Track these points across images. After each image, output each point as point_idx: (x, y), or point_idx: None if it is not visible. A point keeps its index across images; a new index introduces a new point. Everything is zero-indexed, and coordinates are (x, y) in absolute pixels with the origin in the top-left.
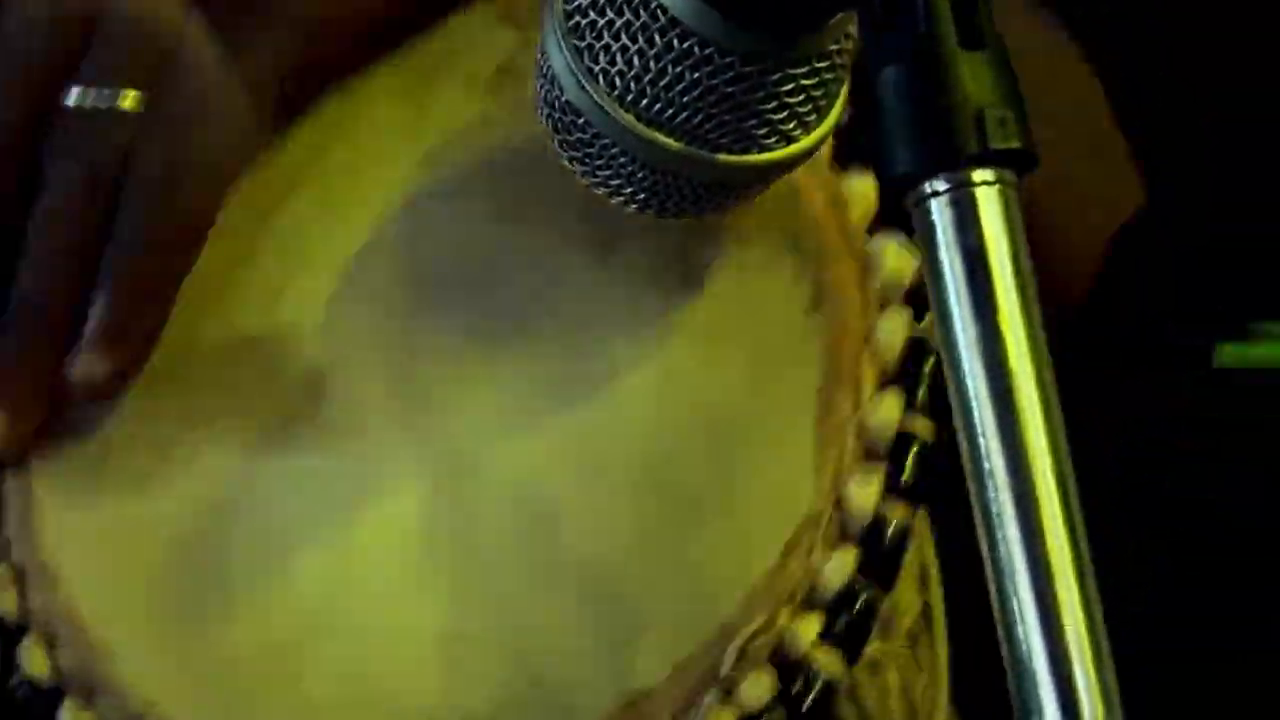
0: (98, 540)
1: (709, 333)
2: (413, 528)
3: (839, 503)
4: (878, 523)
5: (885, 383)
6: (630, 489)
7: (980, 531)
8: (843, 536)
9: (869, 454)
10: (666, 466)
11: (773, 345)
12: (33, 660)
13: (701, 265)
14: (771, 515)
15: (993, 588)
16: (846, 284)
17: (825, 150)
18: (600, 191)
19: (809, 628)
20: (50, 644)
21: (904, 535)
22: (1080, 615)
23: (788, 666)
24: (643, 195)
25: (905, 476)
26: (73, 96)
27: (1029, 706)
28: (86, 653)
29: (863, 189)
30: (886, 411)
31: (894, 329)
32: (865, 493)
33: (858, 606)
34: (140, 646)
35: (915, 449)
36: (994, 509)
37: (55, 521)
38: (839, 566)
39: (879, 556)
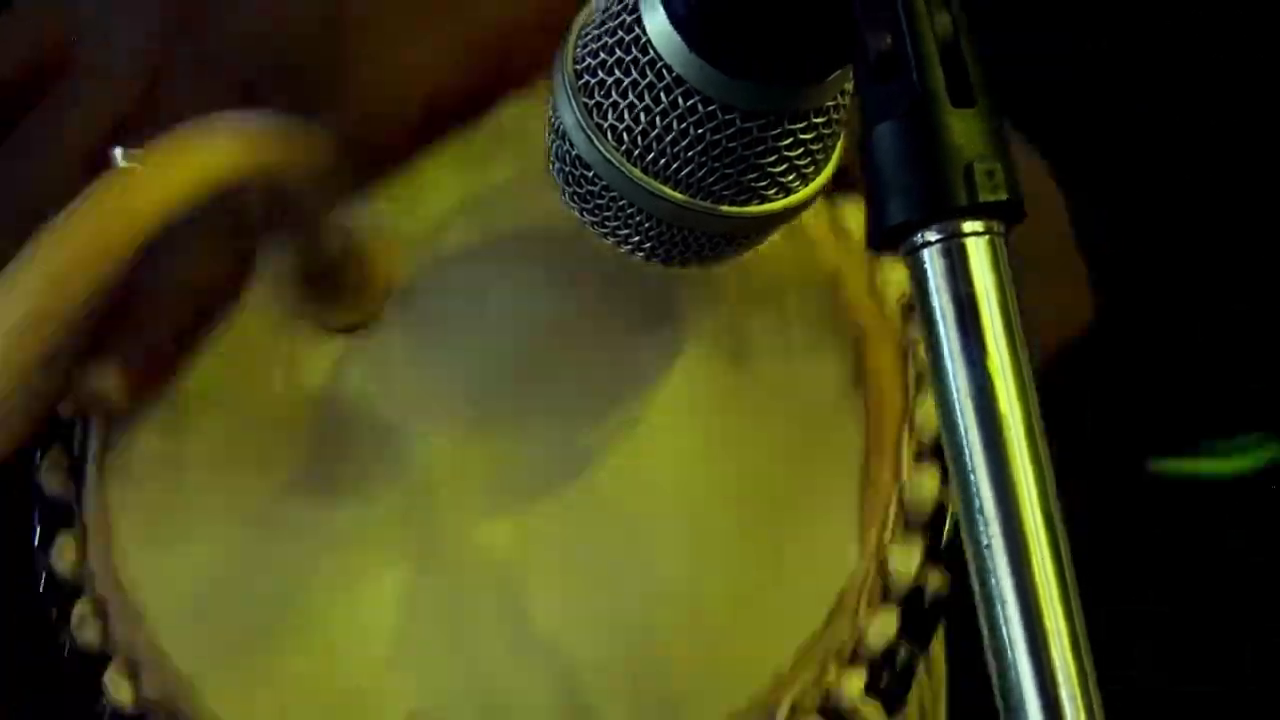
0: (176, 579)
1: (757, 406)
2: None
3: (882, 567)
4: (918, 587)
5: (923, 456)
6: (686, 551)
7: (970, 565)
8: (885, 598)
9: (909, 523)
10: (719, 530)
11: (817, 419)
12: (117, 689)
13: (750, 343)
14: (819, 577)
15: (982, 617)
16: (886, 364)
17: (862, 240)
18: (609, 241)
19: (854, 683)
20: (133, 674)
21: (941, 599)
22: (1067, 643)
23: (834, 718)
24: (649, 244)
25: (943, 544)
26: (119, 157)
27: None
28: (169, 684)
29: (899, 275)
30: (925, 484)
31: (931, 407)
32: (907, 559)
33: (899, 663)
34: (218, 680)
35: (951, 519)
36: (984, 542)
37: (136, 560)
38: (882, 627)
39: (918, 618)
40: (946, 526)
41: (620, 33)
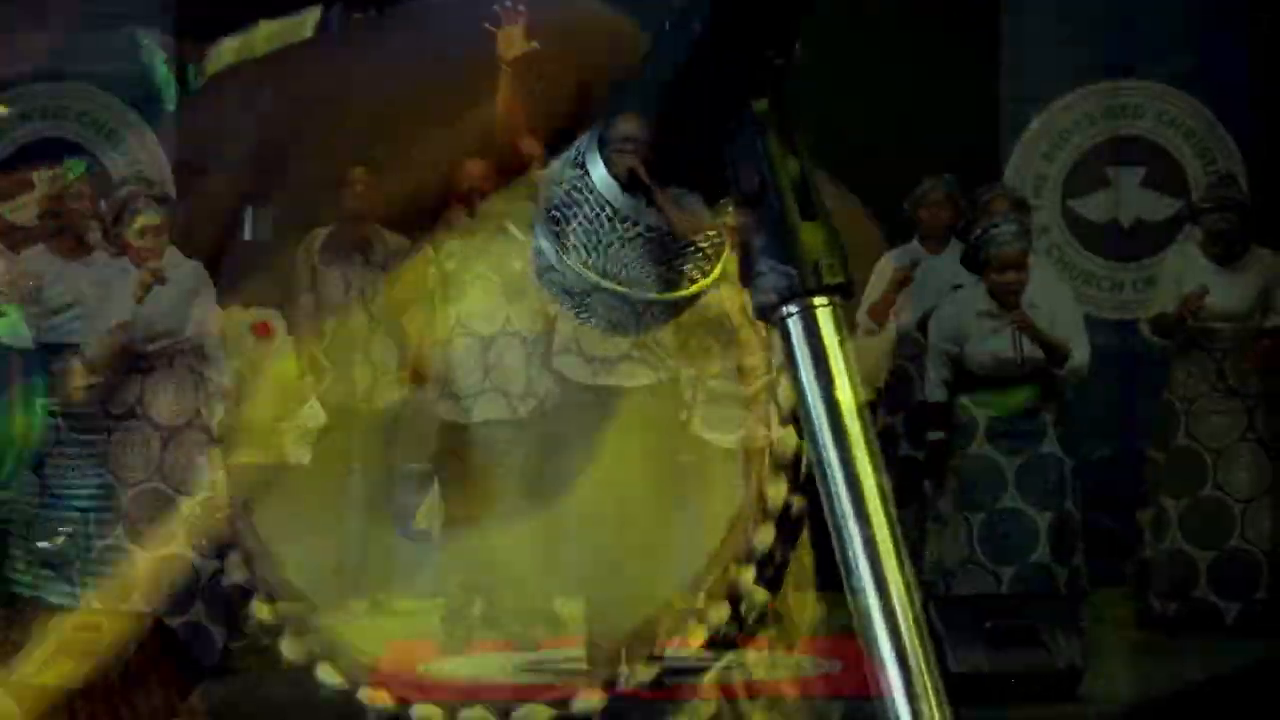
0: (297, 538)
1: (675, 401)
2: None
3: (761, 498)
4: (787, 508)
5: (785, 421)
6: (640, 497)
7: (826, 507)
8: (764, 518)
9: (778, 465)
10: (658, 487)
11: (716, 404)
12: (260, 611)
13: (680, 367)
14: (719, 509)
15: (834, 535)
16: (756, 362)
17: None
18: (576, 321)
19: (748, 575)
20: (271, 599)
21: (803, 514)
22: (887, 532)
23: (736, 599)
24: (603, 323)
25: (801, 478)
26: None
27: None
28: (297, 606)
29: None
30: (788, 440)
31: (787, 394)
32: (778, 490)
33: (777, 560)
34: (331, 603)
35: (806, 463)
36: (838, 510)
37: (271, 528)
38: (764, 536)
39: (789, 529)
40: (803, 468)
41: (575, 181)
